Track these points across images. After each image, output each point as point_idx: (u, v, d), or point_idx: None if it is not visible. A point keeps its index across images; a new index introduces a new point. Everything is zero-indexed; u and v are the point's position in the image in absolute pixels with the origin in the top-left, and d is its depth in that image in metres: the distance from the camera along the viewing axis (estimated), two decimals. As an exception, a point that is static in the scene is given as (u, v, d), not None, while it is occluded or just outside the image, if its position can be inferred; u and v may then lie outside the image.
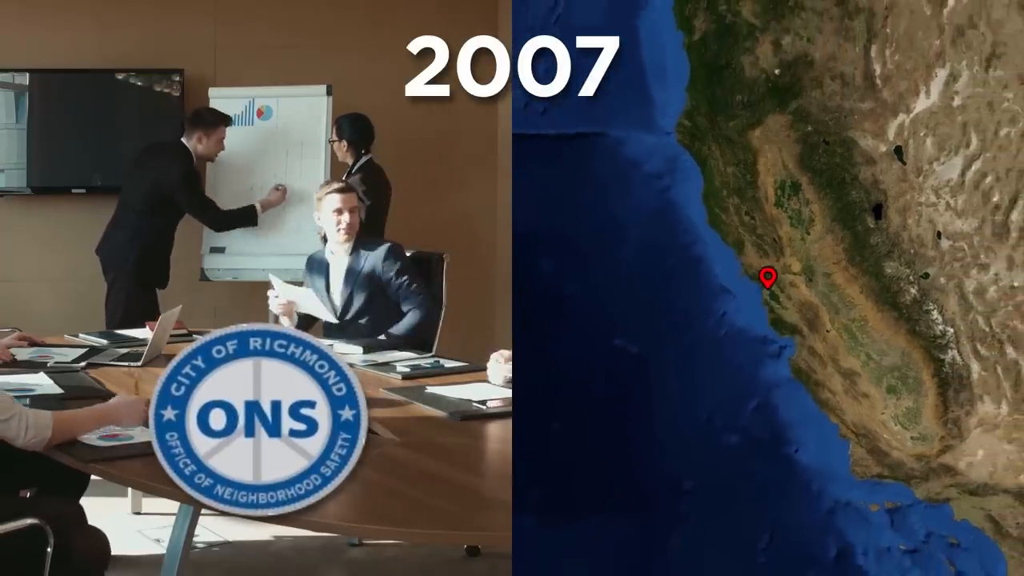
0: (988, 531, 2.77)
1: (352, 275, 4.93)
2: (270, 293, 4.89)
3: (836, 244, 2.86)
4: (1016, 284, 2.79)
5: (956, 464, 2.79)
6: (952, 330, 2.83)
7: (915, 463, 2.82)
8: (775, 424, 2.83)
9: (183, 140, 5.96)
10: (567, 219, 2.83)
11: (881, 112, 2.83)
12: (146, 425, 3.07)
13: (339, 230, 4.90)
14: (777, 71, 2.86)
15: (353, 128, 5.96)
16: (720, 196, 2.87)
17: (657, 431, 2.83)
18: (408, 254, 5.11)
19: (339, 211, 4.90)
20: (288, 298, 4.86)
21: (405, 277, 4.89)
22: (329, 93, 6.24)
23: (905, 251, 2.84)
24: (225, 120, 6.05)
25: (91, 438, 3.16)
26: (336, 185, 5.03)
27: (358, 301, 4.91)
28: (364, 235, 5.07)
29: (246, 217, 6.16)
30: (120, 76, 6.53)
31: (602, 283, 2.84)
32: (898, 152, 2.83)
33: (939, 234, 2.83)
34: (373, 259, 4.89)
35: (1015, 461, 2.76)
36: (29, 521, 2.96)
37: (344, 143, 5.97)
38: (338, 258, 4.98)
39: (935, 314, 2.84)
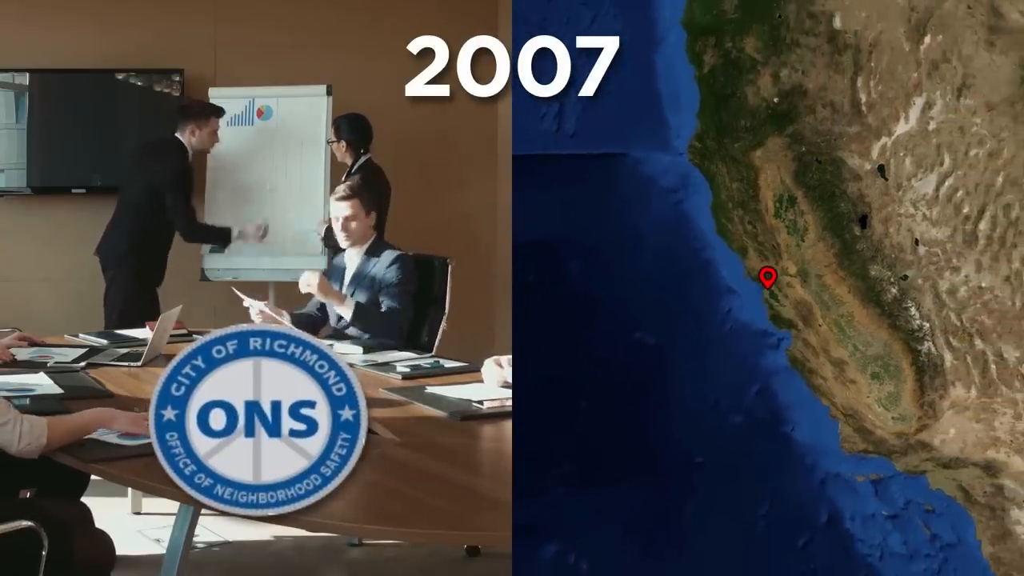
0: (959, 499, 2.99)
1: (356, 279, 5.00)
2: (246, 305, 4.86)
3: (827, 250, 3.06)
4: (983, 285, 2.98)
5: (931, 441, 3.01)
6: (928, 324, 3.03)
7: (896, 440, 3.03)
8: (774, 406, 3.04)
9: (177, 135, 5.97)
10: (593, 228, 3.02)
11: (866, 135, 3.04)
12: (135, 429, 3.15)
13: (340, 235, 5.00)
14: (776, 99, 3.06)
15: (351, 128, 6.10)
16: (726, 208, 3.07)
17: (672, 412, 3.03)
18: (412, 255, 5.07)
19: (336, 219, 4.98)
20: (260, 308, 4.82)
21: (400, 284, 4.90)
22: (329, 93, 6.32)
23: (887, 256, 3.04)
24: (216, 111, 6.05)
25: (104, 435, 3.16)
26: (339, 193, 5.04)
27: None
28: (379, 242, 5.09)
29: (219, 236, 6.14)
30: (120, 76, 6.61)
31: (624, 284, 3.04)
32: (881, 170, 3.04)
33: (916, 241, 3.03)
34: (379, 265, 4.96)
35: (982, 438, 2.98)
36: (24, 523, 2.97)
37: (343, 143, 6.11)
38: (351, 263, 5.07)
39: (913, 311, 3.04)
